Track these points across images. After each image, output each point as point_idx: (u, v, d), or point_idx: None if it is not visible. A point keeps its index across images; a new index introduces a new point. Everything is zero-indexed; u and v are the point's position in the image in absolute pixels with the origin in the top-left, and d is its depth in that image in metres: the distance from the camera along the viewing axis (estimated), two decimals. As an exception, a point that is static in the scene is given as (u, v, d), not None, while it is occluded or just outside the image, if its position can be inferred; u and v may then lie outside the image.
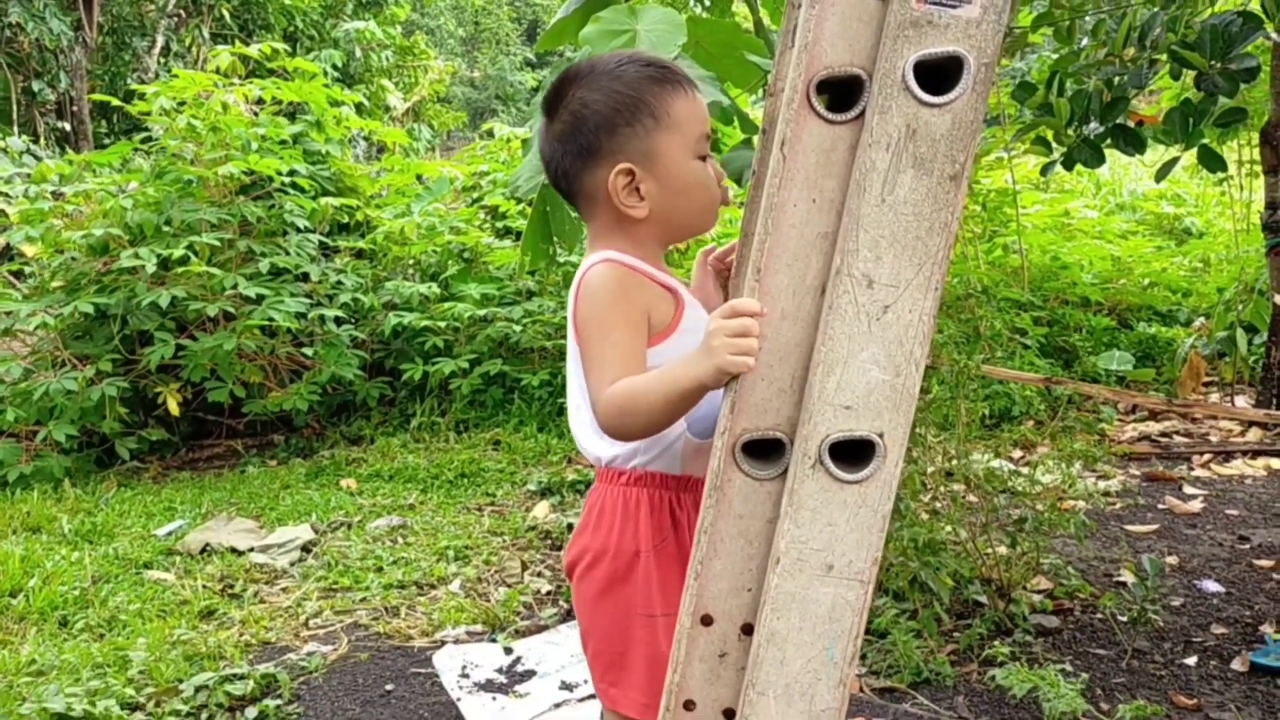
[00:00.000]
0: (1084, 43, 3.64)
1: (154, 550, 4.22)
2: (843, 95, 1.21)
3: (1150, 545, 3.75)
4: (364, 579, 3.79)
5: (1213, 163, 3.49)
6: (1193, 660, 2.85)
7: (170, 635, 3.28)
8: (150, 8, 14.28)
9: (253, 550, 4.14)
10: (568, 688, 2.87)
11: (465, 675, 2.99)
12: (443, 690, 2.92)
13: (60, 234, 5.93)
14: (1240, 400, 5.71)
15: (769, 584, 1.24)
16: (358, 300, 6.25)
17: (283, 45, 7.62)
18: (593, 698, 2.81)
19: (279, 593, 3.76)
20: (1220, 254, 7.72)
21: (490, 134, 9.30)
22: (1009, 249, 7.05)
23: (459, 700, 2.84)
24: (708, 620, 1.30)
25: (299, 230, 6.26)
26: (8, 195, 6.60)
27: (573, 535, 1.67)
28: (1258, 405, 5.39)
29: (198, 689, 2.88)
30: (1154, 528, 3.95)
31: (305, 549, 4.19)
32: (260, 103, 6.82)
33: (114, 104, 7.42)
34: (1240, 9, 3.10)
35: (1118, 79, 3.35)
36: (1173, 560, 3.59)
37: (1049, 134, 3.52)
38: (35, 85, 12.97)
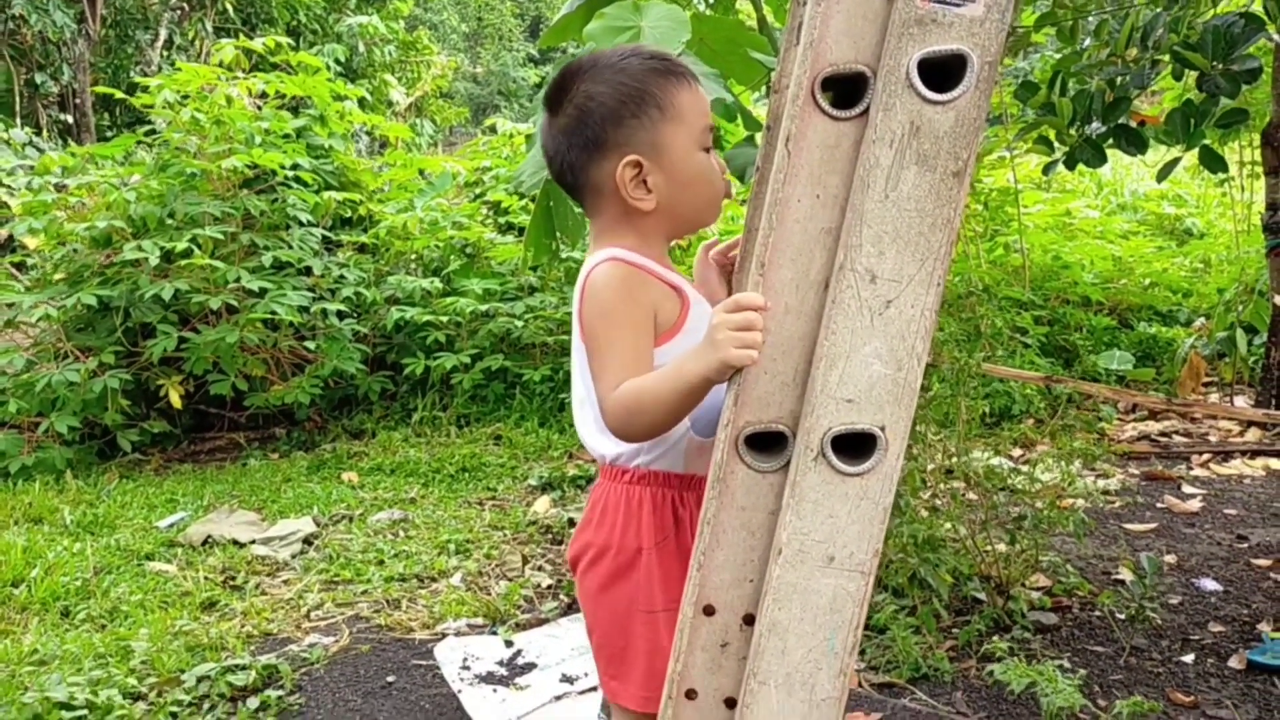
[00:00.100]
0: (1086, 43, 3.65)
1: (156, 542, 4.23)
2: (847, 92, 1.22)
3: (1149, 544, 3.77)
4: (365, 572, 3.80)
5: (1214, 163, 3.50)
6: (1190, 658, 2.87)
7: (172, 626, 3.30)
8: (153, 1, 14.28)
9: (254, 542, 4.15)
10: (568, 680, 2.88)
11: (466, 667, 3.00)
12: (444, 682, 2.93)
13: (63, 226, 5.94)
14: (1240, 400, 5.72)
15: (771, 575, 1.26)
16: (360, 294, 6.26)
17: (286, 39, 7.63)
18: (593, 690, 2.82)
19: (280, 585, 3.77)
20: (1221, 255, 7.74)
21: (493, 130, 9.31)
22: (1010, 248, 7.06)
23: (460, 692, 2.86)
24: (710, 610, 1.31)
25: (302, 224, 6.27)
26: (10, 187, 6.61)
27: (576, 530, 1.68)
28: (1257, 405, 5.40)
29: (200, 679, 2.89)
30: (1152, 526, 3.97)
31: (307, 541, 4.21)
32: (264, 96, 6.83)
33: (118, 96, 7.43)
34: (1242, 10, 3.11)
35: (1120, 79, 3.36)
36: (1171, 559, 3.60)
37: (1051, 133, 3.53)
38: (38, 77, 12.98)
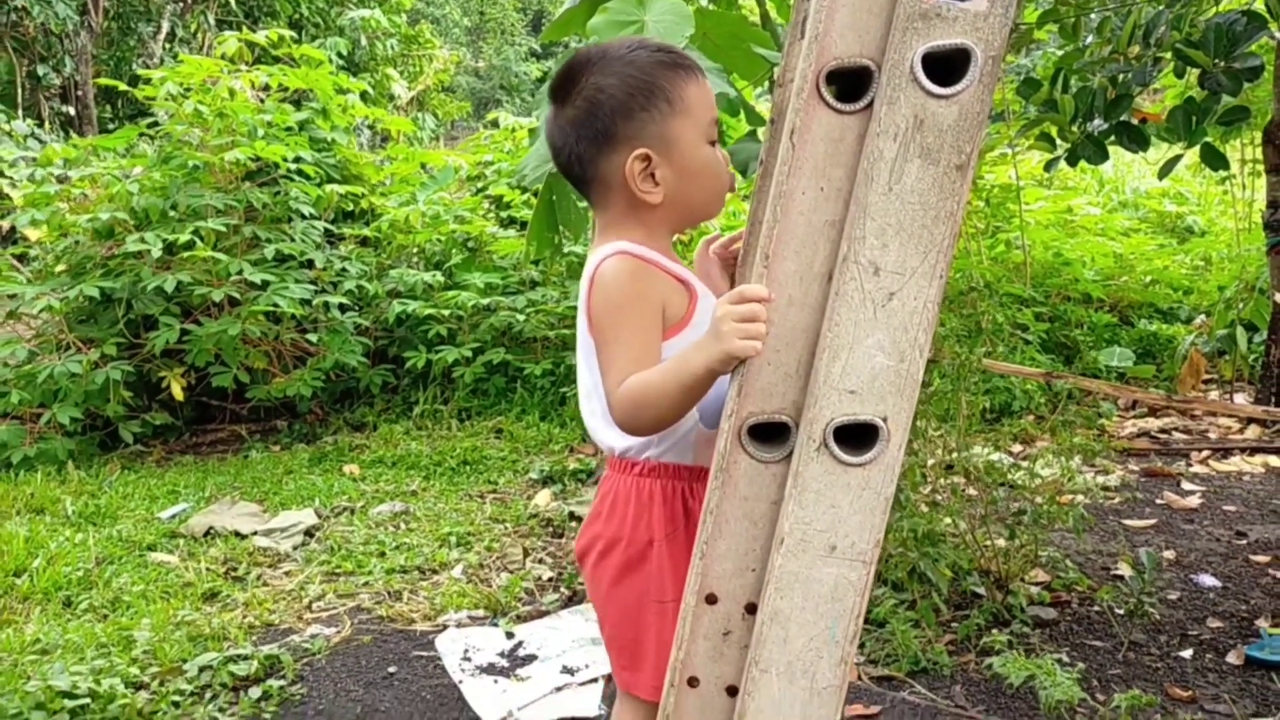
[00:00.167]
0: (1089, 40, 3.66)
1: (157, 533, 4.24)
2: (851, 86, 1.23)
3: (1148, 540, 3.78)
4: (366, 564, 3.81)
5: (1215, 161, 3.51)
6: (1188, 653, 2.88)
7: (174, 616, 3.31)
8: (156, -7, 14.29)
9: (256, 534, 4.16)
10: (569, 672, 2.89)
11: (467, 658, 3.02)
12: (445, 673, 2.95)
13: (65, 218, 5.94)
14: (1239, 398, 5.73)
15: (773, 564, 1.27)
16: (362, 288, 6.27)
17: (288, 32, 7.63)
18: (593, 682, 2.84)
19: (282, 576, 3.78)
20: (1221, 252, 7.75)
21: (495, 124, 9.32)
22: (1012, 244, 7.08)
23: (461, 683, 2.87)
24: (712, 599, 1.32)
25: (304, 217, 6.28)
26: (12, 179, 6.62)
27: (584, 523, 1.69)
28: (1257, 403, 5.42)
29: (202, 669, 2.90)
30: (1152, 523, 3.98)
31: (308, 533, 4.22)
32: (266, 89, 6.83)
33: (121, 89, 7.43)
34: (1244, 8, 3.12)
35: (1122, 76, 3.37)
36: (1170, 555, 3.61)
37: (1053, 130, 3.54)
38: (40, 69, 12.98)
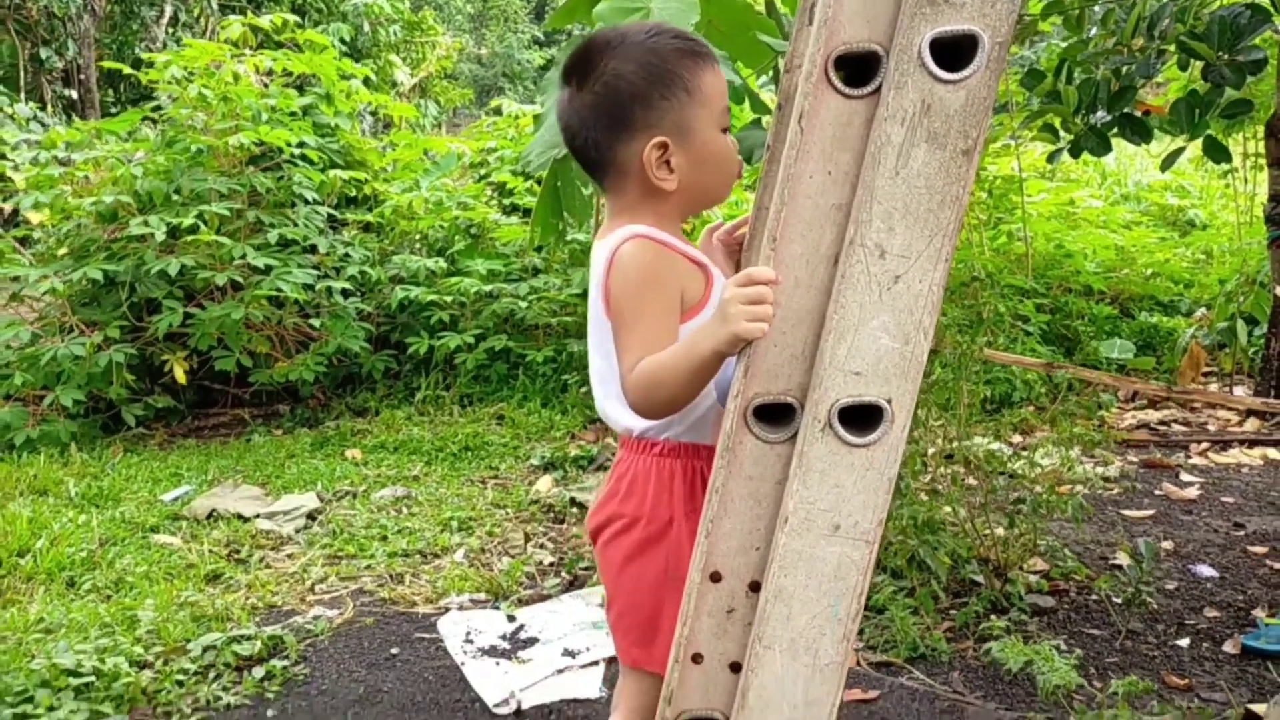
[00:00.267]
0: (1093, 32, 3.67)
1: (160, 515, 4.26)
2: (859, 71, 1.25)
3: (1146, 530, 3.80)
4: (369, 547, 3.83)
5: (1218, 154, 3.52)
6: (1185, 642, 2.90)
7: (177, 597, 3.33)
8: (159, -23, 14.27)
9: (259, 517, 4.18)
10: (570, 654, 2.91)
11: (469, 641, 3.04)
12: (447, 655, 2.97)
13: (68, 201, 5.95)
14: (1239, 391, 5.75)
15: (777, 542, 1.28)
16: (365, 273, 6.28)
17: (292, 17, 7.63)
18: (594, 665, 2.86)
19: (284, 558, 3.80)
20: (1223, 246, 7.77)
21: (498, 111, 9.31)
22: (1014, 236, 7.09)
23: (463, 664, 2.89)
24: (717, 577, 1.34)
25: (307, 202, 6.28)
26: (14, 162, 6.62)
27: (598, 502, 1.70)
28: (1256, 395, 5.43)
29: (205, 649, 2.92)
30: (1150, 513, 4.00)
31: (310, 517, 4.24)
32: (270, 74, 6.83)
33: (125, 72, 7.43)
34: (1248, 2, 3.12)
35: (1126, 68, 3.38)
36: (1168, 545, 3.64)
37: (1056, 121, 3.55)
38: (43, 52, 12.97)
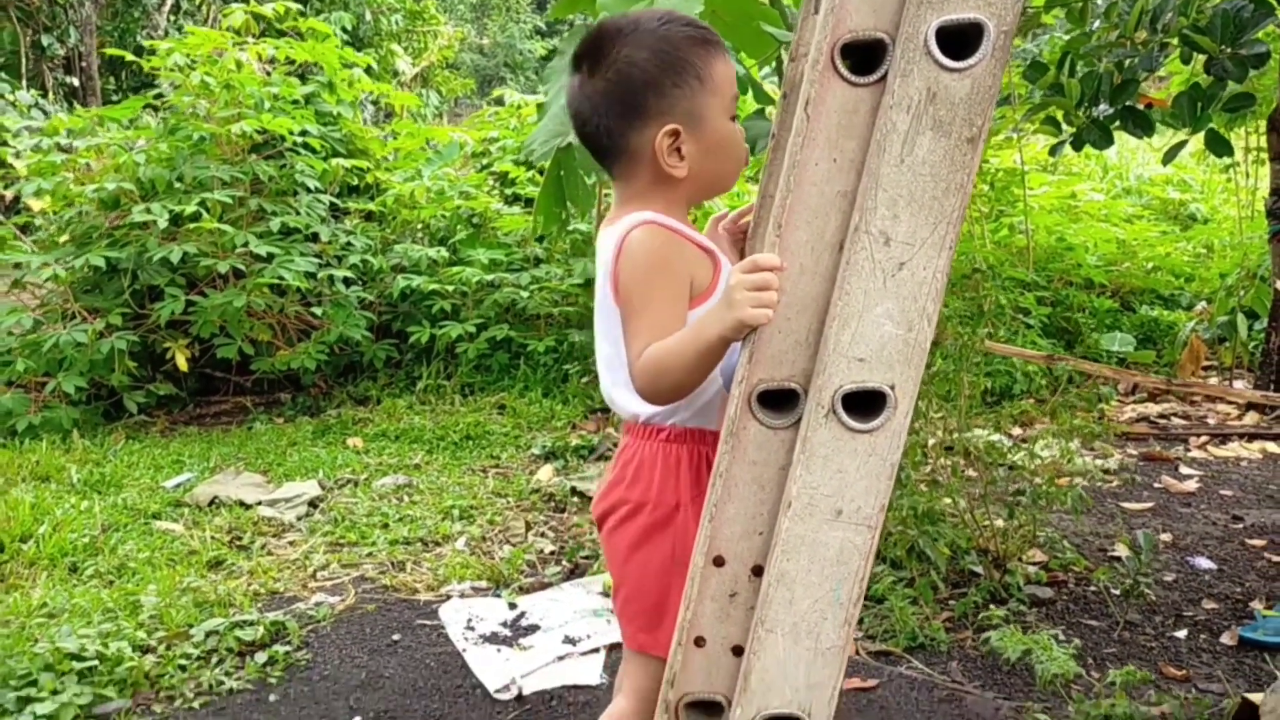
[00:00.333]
0: (1096, 25, 3.67)
1: (162, 501, 4.27)
2: (865, 59, 1.25)
3: (1145, 522, 3.81)
4: (370, 535, 3.85)
5: (1220, 147, 3.52)
6: (1183, 633, 2.92)
7: (180, 583, 3.34)
8: (161, -35, 14.23)
9: (260, 504, 4.20)
10: (570, 642, 2.93)
11: (470, 628, 3.05)
12: (448, 641, 2.98)
13: (71, 188, 5.96)
14: (1239, 385, 5.77)
15: (780, 527, 1.30)
16: (367, 262, 6.29)
17: (294, 4, 7.62)
18: (595, 652, 2.87)
19: (286, 545, 3.82)
20: (1224, 240, 7.78)
21: (500, 101, 9.31)
22: (1015, 229, 7.10)
23: (464, 651, 2.90)
24: (720, 561, 1.35)
25: (309, 190, 6.29)
26: (16, 149, 6.62)
27: (604, 488, 1.71)
28: (1256, 390, 5.45)
29: (208, 634, 2.94)
30: (1149, 506, 4.01)
31: (312, 504, 4.25)
32: (273, 62, 6.83)
33: (127, 59, 7.43)
34: (1252, -5, 3.12)
35: (1128, 61, 3.38)
36: (1167, 537, 3.65)
37: (1059, 114, 3.55)
38: (44, 40, 12.95)
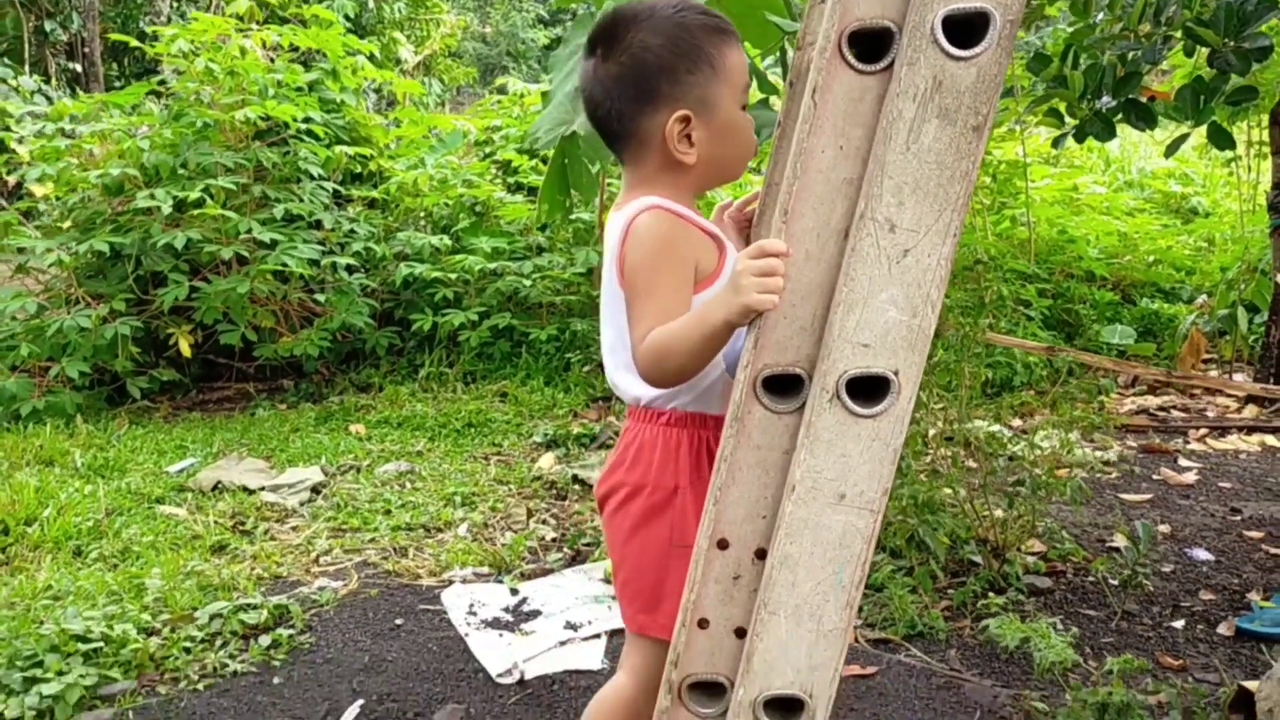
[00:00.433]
0: (1099, 17, 3.67)
1: (166, 486, 4.30)
2: (872, 47, 1.27)
3: (1144, 514, 3.83)
4: (373, 520, 3.87)
5: (1222, 140, 3.54)
6: (1180, 624, 2.93)
7: (184, 566, 3.37)
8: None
9: (263, 489, 4.22)
10: (572, 627, 2.94)
11: (473, 613, 3.07)
12: (450, 626, 3.00)
13: (74, 173, 5.97)
14: (1238, 378, 5.78)
15: (784, 510, 1.31)
16: (369, 249, 6.30)
17: (298, -8, 7.63)
18: (596, 638, 2.89)
19: (289, 531, 3.84)
20: (1225, 234, 7.79)
21: (502, 90, 9.30)
22: (1017, 221, 7.11)
23: (467, 635, 2.92)
24: (724, 544, 1.37)
25: (313, 178, 6.30)
26: (19, 135, 6.63)
27: (606, 470, 1.73)
28: (1256, 382, 5.46)
29: (212, 617, 2.96)
30: (1148, 497, 4.03)
31: (315, 490, 4.27)
32: (276, 49, 6.84)
33: (132, 45, 7.43)
34: (1256, -13, 3.13)
35: (1132, 54, 3.39)
36: (1165, 529, 3.67)
37: (1062, 106, 3.56)
38: (47, 25, 12.92)
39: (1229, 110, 4.25)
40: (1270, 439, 4.84)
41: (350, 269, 6.21)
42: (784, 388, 1.35)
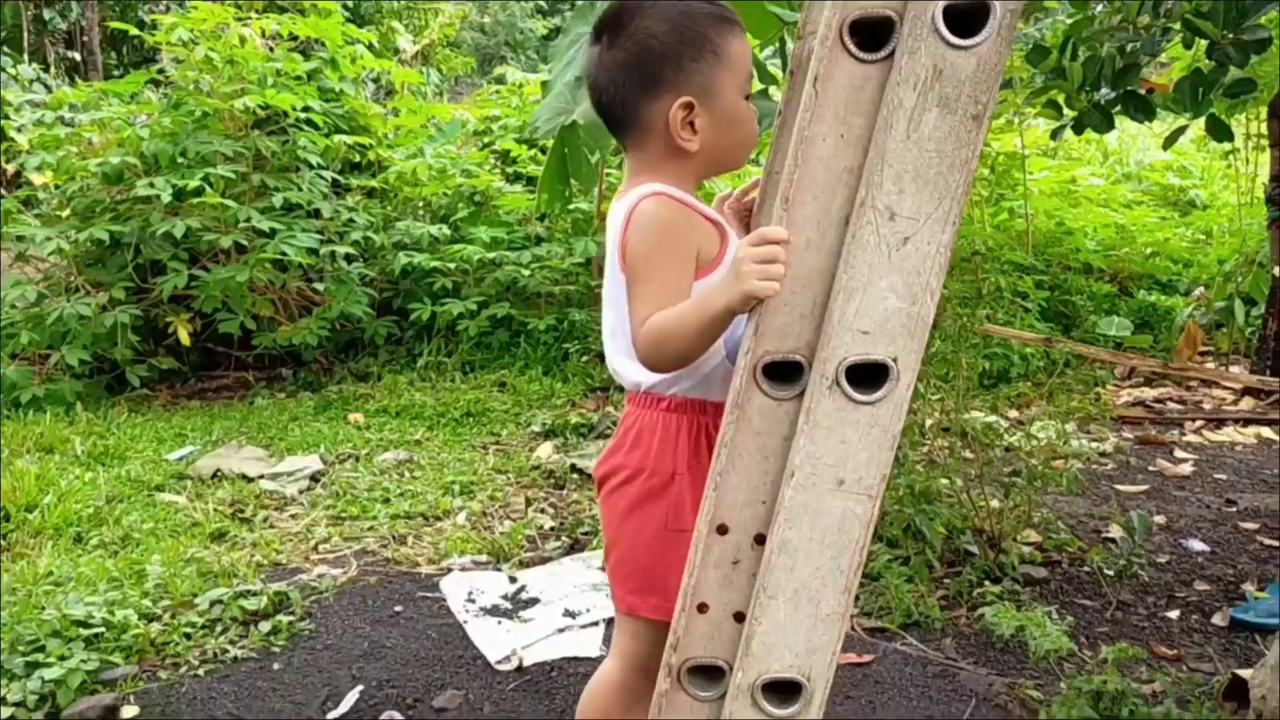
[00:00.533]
0: (1099, 9, 3.68)
1: (165, 474, 4.31)
2: (873, 36, 1.28)
3: (1139, 505, 3.84)
4: (371, 509, 3.88)
5: (1220, 132, 3.54)
6: (1175, 614, 2.95)
7: (184, 553, 3.38)
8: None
9: (262, 477, 4.23)
10: (570, 615, 2.96)
11: (471, 600, 3.09)
12: (449, 613, 3.02)
13: (74, 162, 5.97)
14: (1235, 370, 5.80)
15: (783, 496, 1.33)
16: (368, 239, 6.30)
17: (297, -19, 7.62)
18: (594, 625, 2.91)
19: (288, 519, 3.85)
20: (1223, 226, 7.80)
21: (501, 80, 9.30)
22: (1015, 213, 7.12)
23: (465, 623, 2.94)
24: (723, 529, 1.38)
25: (311, 167, 6.29)
26: (18, 124, 6.62)
27: (605, 452, 1.74)
28: (1252, 375, 5.48)
29: (213, 603, 2.97)
30: (1144, 488, 4.05)
31: (314, 478, 4.28)
32: (275, 38, 6.83)
33: (132, 34, 7.42)
34: (1255, -20, 3.13)
35: (1130, 46, 3.39)
36: (1160, 520, 3.68)
37: (1060, 98, 3.57)
38: (46, 14, 12.90)
39: (1227, 103, 4.26)
40: (1266, 431, 4.85)
41: (349, 258, 6.21)
42: (784, 374, 1.36)
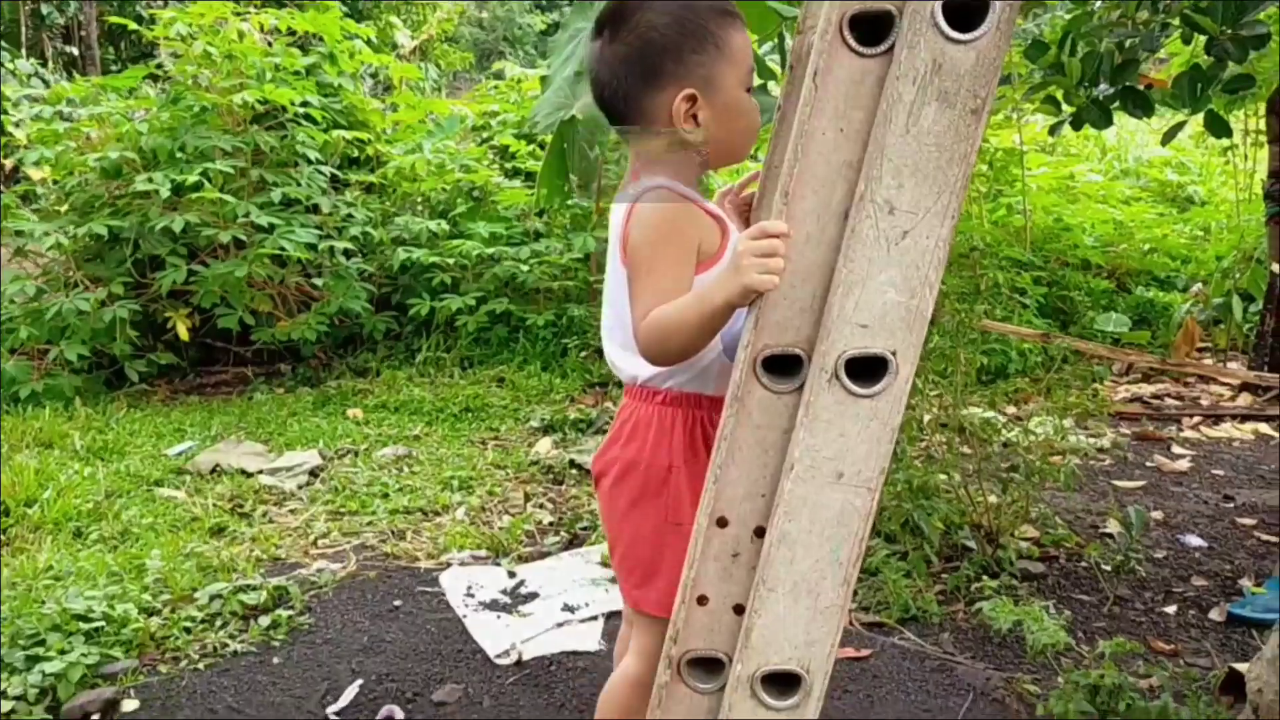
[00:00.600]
0: (1097, 4, 3.68)
1: (165, 469, 4.31)
2: (873, 30, 1.28)
3: (1137, 500, 3.85)
4: (370, 504, 3.88)
5: (1219, 128, 3.54)
6: (1172, 609, 2.95)
7: (183, 548, 3.39)
8: (161, -66, 14.16)
9: (261, 472, 4.23)
10: (569, 609, 2.97)
11: (470, 595, 3.09)
12: (449, 608, 3.02)
13: (73, 157, 5.97)
14: (1232, 367, 5.81)
15: (783, 488, 1.33)
16: (367, 234, 6.30)
17: (297, -24, 7.62)
18: (593, 620, 2.91)
19: (288, 514, 3.86)
20: (1221, 222, 7.80)
21: (499, 75, 9.30)
22: (1013, 209, 7.12)
23: (465, 617, 2.94)
24: (723, 522, 1.39)
25: (310, 162, 6.29)
26: (15, 119, 6.62)
27: (603, 446, 1.75)
28: (1250, 371, 5.49)
29: (212, 597, 2.98)
30: (1141, 484, 4.05)
31: (313, 474, 4.29)
32: (274, 32, 6.83)
33: (131, 28, 7.42)
34: (1254, -25, 3.13)
35: (1129, 41, 3.39)
36: (1158, 515, 3.69)
37: (1059, 94, 3.57)
38: (44, 9, 12.90)
39: (1226, 98, 4.25)
40: (1264, 427, 4.86)
41: (348, 253, 6.21)
42: (783, 368, 1.36)
